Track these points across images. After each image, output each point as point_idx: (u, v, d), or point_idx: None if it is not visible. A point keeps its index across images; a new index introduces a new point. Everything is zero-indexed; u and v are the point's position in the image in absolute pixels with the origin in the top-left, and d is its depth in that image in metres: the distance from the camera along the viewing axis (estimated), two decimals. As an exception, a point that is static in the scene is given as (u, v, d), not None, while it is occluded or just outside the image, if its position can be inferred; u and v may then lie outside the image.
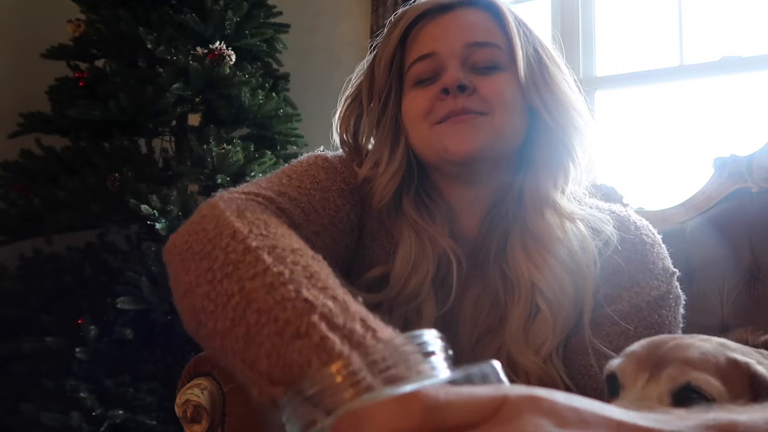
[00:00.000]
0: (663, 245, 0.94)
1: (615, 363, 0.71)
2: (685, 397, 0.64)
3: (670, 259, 0.93)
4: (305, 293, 0.53)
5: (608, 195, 1.71)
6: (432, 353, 0.41)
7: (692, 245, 1.37)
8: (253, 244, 0.61)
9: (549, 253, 0.85)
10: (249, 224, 0.65)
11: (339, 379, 0.40)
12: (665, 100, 2.08)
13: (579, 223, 0.88)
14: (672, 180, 1.98)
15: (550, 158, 0.89)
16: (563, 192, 0.90)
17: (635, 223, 0.94)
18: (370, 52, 0.96)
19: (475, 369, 0.38)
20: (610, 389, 0.71)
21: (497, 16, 0.90)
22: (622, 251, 0.88)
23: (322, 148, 0.98)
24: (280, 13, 2.32)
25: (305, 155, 0.92)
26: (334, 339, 0.48)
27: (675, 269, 0.92)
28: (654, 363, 0.67)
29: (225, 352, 0.55)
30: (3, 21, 2.66)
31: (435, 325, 0.87)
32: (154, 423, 1.80)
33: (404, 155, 0.90)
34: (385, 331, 0.49)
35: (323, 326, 0.49)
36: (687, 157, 2.00)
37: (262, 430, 1.06)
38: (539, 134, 0.90)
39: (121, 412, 1.77)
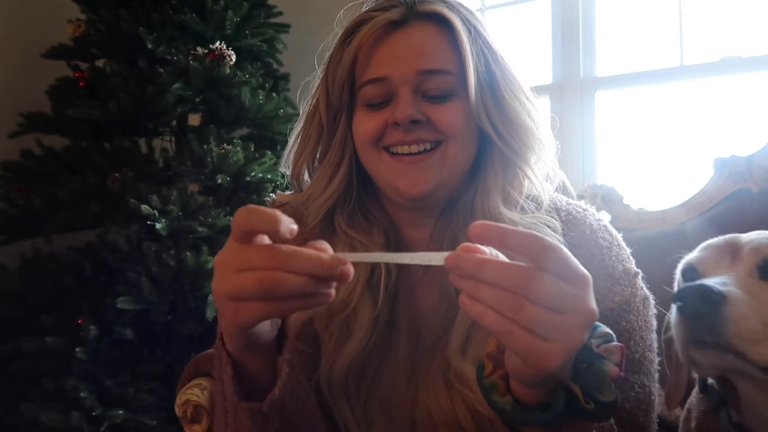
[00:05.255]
0: (623, 246, 0.93)
1: (692, 256, 0.78)
2: None
3: (632, 259, 0.92)
4: None
5: (608, 195, 1.71)
6: None
7: (693, 245, 1.37)
8: None
9: None
10: None
11: None
12: (665, 100, 2.08)
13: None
14: (672, 180, 1.98)
15: (503, 178, 0.89)
16: (514, 206, 0.89)
17: (591, 225, 0.92)
18: (324, 66, 0.93)
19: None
20: (686, 282, 0.75)
21: (451, 31, 0.86)
22: (577, 257, 0.87)
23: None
24: (281, 13, 2.32)
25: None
26: None
27: (637, 270, 0.91)
28: (732, 249, 0.74)
29: None
30: (3, 21, 2.65)
31: (388, 326, 0.89)
32: (154, 423, 1.79)
33: (344, 177, 0.91)
34: None
35: None
36: (687, 158, 2.00)
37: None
38: (492, 156, 0.90)
39: (121, 412, 1.77)
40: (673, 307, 0.71)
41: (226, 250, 0.62)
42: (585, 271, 0.60)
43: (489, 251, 0.59)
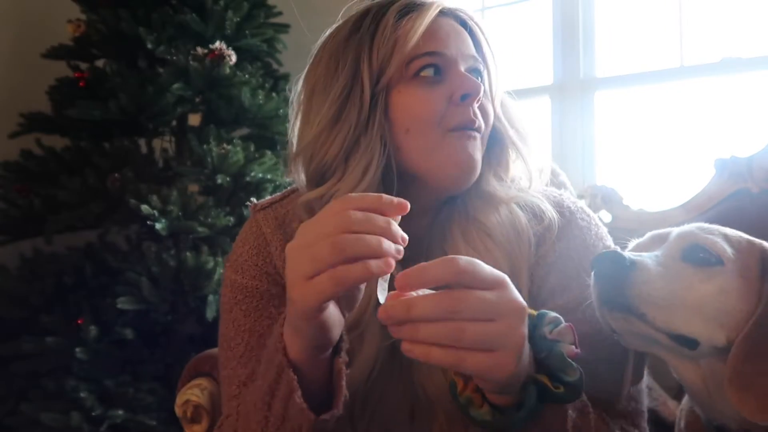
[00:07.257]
0: (600, 225, 0.94)
1: (635, 242, 0.84)
2: (694, 256, 0.74)
3: (610, 237, 0.94)
4: None
5: (608, 196, 1.71)
6: None
7: (692, 246, 1.38)
8: None
9: (487, 237, 0.86)
10: None
11: None
12: (666, 101, 2.08)
13: (513, 205, 0.89)
14: (673, 181, 1.98)
15: (494, 157, 0.91)
16: (502, 179, 0.91)
17: (569, 207, 0.93)
18: (359, 41, 0.87)
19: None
20: None
21: (471, 35, 0.90)
22: (561, 238, 0.89)
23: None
24: (280, 13, 2.32)
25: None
26: None
27: (616, 246, 0.92)
28: (665, 237, 0.79)
29: None
30: (3, 21, 2.66)
31: (396, 351, 0.85)
32: (154, 423, 1.80)
33: (378, 168, 0.83)
34: None
35: None
36: (688, 158, 2.00)
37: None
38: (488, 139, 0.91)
39: (121, 412, 1.77)
40: (592, 274, 0.76)
41: (296, 237, 0.63)
42: (499, 272, 0.62)
43: (416, 293, 0.60)
